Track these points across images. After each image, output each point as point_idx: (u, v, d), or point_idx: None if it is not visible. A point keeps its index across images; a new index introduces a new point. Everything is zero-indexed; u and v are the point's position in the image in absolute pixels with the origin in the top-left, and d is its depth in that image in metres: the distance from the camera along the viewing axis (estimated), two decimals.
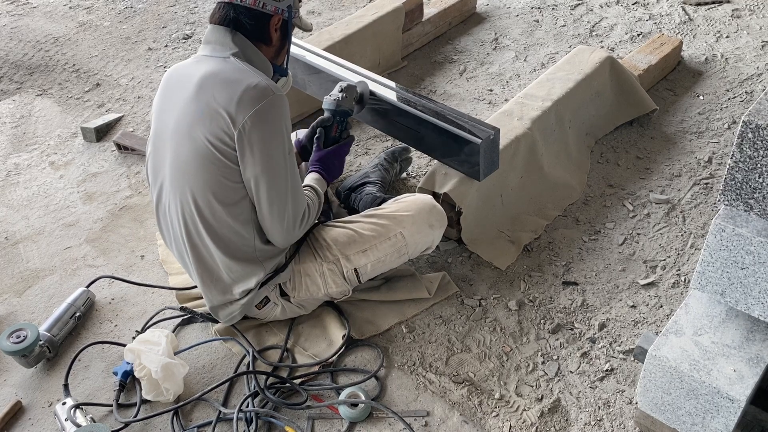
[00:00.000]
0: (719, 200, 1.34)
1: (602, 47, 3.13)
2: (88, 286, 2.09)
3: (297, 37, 2.76)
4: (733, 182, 1.30)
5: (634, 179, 2.42)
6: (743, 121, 1.22)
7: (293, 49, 2.50)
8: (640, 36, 3.17)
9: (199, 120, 1.62)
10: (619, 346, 1.86)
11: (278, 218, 1.69)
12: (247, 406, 1.72)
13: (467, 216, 2.09)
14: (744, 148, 1.24)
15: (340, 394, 1.75)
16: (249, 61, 1.69)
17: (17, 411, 1.80)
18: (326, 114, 1.99)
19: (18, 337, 1.84)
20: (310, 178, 1.90)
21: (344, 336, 1.88)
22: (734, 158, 1.27)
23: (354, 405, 1.71)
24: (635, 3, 3.44)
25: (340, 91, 2.02)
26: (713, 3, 3.36)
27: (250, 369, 1.81)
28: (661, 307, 1.96)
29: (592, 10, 3.42)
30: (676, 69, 2.95)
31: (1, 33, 3.69)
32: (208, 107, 1.61)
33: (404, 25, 3.07)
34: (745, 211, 1.32)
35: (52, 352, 1.91)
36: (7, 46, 3.56)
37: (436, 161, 2.17)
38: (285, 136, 1.65)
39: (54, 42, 3.59)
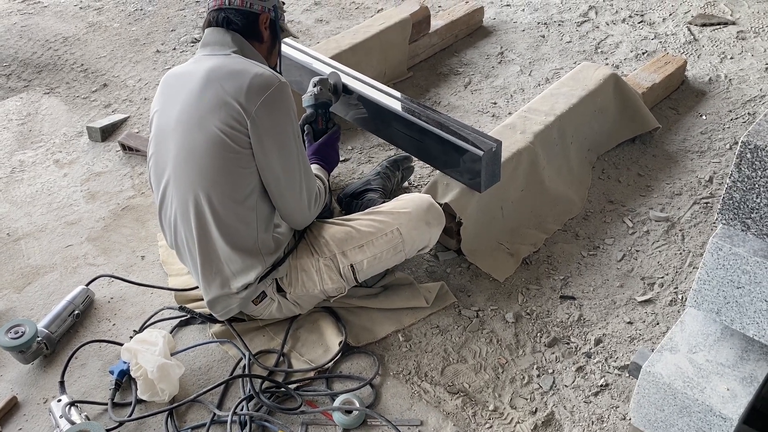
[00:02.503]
0: (717, 219, 1.34)
1: (607, 64, 3.15)
2: (87, 285, 2.10)
3: (305, 44, 2.78)
4: (731, 202, 1.30)
5: (634, 196, 2.43)
6: (742, 142, 1.23)
7: (301, 57, 2.52)
8: (645, 54, 3.19)
9: (210, 110, 1.67)
10: (615, 361, 1.87)
11: (296, 198, 1.77)
12: (242, 410, 1.72)
13: (467, 227, 2.10)
14: (742, 168, 1.25)
15: (334, 400, 1.75)
16: (248, 58, 1.77)
17: (12, 406, 1.80)
18: (308, 111, 2.11)
19: (16, 332, 1.85)
20: (313, 169, 1.95)
21: (341, 342, 1.88)
22: (732, 178, 1.28)
23: (348, 412, 1.71)
24: (641, 22, 3.46)
25: (314, 86, 2.13)
26: (719, 24, 3.38)
27: (246, 372, 1.81)
28: (658, 324, 1.96)
29: (598, 27, 3.44)
30: (679, 88, 2.96)
31: (11, 31, 3.72)
32: (218, 97, 1.66)
33: (411, 36, 3.09)
34: (743, 230, 1.32)
35: (50, 348, 1.92)
36: (16, 44, 3.59)
37: (437, 171, 2.18)
38: (293, 119, 1.73)
39: (63, 41, 3.62)
